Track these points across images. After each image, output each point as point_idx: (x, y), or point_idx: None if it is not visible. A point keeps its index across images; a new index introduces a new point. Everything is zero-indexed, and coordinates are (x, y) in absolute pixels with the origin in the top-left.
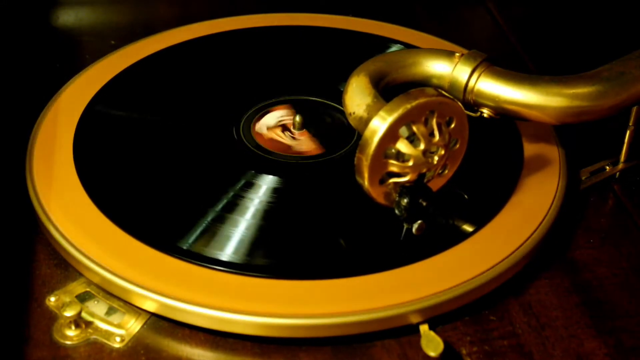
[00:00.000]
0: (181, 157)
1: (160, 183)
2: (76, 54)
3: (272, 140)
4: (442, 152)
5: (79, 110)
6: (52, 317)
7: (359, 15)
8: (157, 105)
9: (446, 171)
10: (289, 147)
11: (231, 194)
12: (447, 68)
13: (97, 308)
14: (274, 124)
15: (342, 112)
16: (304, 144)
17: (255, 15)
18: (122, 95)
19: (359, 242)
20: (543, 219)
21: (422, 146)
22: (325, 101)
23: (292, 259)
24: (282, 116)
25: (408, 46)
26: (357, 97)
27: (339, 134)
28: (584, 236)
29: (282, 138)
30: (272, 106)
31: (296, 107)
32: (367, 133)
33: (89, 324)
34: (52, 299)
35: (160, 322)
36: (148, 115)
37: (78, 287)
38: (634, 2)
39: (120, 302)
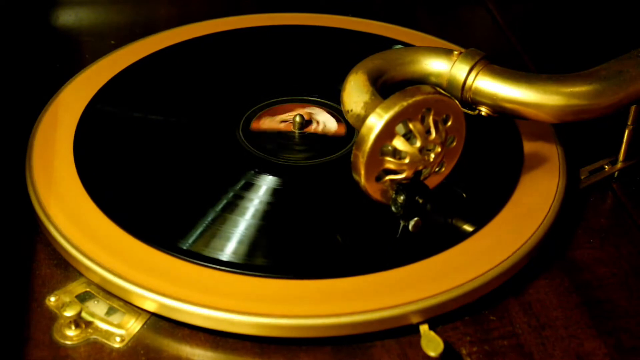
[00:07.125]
0: (181, 157)
1: (160, 183)
2: (76, 54)
3: (275, 110)
4: (439, 149)
5: (78, 110)
6: (52, 317)
7: (359, 15)
8: (156, 105)
9: (443, 169)
10: (261, 121)
11: (231, 194)
12: (445, 66)
13: (97, 308)
14: (302, 112)
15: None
16: (263, 124)
17: (255, 15)
18: (122, 95)
19: (358, 242)
20: (543, 219)
21: (418, 143)
22: (325, 101)
23: (292, 259)
24: (320, 118)
25: (408, 46)
26: (354, 94)
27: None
28: (584, 236)
29: (277, 115)
30: (273, 105)
31: (344, 134)
32: (363, 130)
33: (89, 324)
34: (52, 299)
35: (160, 322)
36: (148, 115)
37: (78, 287)
38: (634, 2)
39: (120, 302)
